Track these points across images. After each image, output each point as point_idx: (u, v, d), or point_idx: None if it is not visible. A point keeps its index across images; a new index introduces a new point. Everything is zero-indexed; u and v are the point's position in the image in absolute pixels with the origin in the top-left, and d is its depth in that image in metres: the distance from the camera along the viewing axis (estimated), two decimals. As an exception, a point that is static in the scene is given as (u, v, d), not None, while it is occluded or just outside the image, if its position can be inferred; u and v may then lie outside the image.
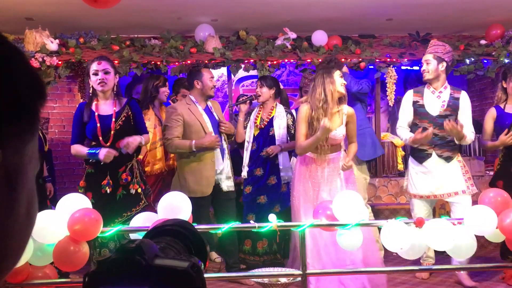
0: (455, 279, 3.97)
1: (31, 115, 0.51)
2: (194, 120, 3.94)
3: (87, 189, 3.50)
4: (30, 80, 0.52)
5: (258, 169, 4.40)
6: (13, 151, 0.49)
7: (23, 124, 0.50)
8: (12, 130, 0.48)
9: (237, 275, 3.94)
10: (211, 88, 4.06)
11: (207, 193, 3.91)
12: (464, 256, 3.08)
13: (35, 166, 0.54)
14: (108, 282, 0.56)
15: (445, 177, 3.87)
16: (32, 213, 0.54)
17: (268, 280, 3.43)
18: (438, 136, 3.87)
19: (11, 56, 0.50)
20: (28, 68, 0.52)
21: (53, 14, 4.90)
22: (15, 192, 0.50)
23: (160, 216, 2.84)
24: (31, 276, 2.79)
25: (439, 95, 3.89)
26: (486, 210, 2.82)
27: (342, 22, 5.42)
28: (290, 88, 7.26)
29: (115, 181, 3.48)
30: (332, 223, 2.98)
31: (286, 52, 5.41)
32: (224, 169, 4.04)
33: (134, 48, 5.33)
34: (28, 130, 0.51)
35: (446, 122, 3.70)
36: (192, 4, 4.85)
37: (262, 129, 4.45)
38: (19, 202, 0.50)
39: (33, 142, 0.53)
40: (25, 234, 0.53)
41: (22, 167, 0.51)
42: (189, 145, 3.84)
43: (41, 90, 0.53)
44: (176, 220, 0.72)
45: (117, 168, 3.49)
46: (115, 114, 3.52)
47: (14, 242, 0.51)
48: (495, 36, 5.56)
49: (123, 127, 3.52)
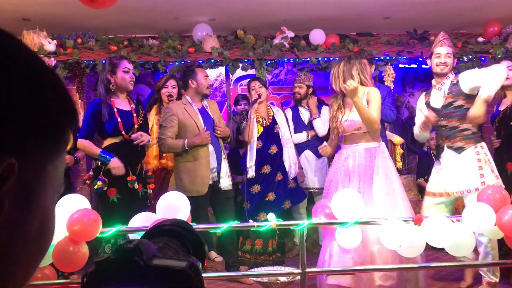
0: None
1: (56, 134, 0.51)
2: (189, 120, 3.95)
3: (110, 185, 3.47)
4: (62, 101, 0.52)
5: (266, 167, 4.43)
6: (32, 168, 0.48)
7: (46, 142, 0.49)
8: (34, 146, 0.48)
9: (236, 274, 3.94)
10: (206, 87, 4.06)
11: (202, 192, 3.91)
12: (463, 254, 3.09)
13: (57, 188, 0.53)
14: (106, 282, 0.56)
15: (456, 172, 3.57)
16: (46, 233, 0.52)
17: (268, 279, 3.43)
18: (447, 127, 3.66)
19: (46, 75, 0.51)
20: (62, 90, 0.53)
21: (50, 15, 4.89)
22: (27, 209, 0.49)
23: (158, 216, 2.84)
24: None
25: (440, 87, 3.73)
26: (484, 207, 2.83)
27: (340, 21, 5.42)
28: (288, 87, 7.26)
29: (137, 178, 3.57)
30: (331, 221, 2.99)
31: (284, 51, 5.41)
32: (222, 168, 4.04)
33: (132, 48, 5.33)
34: (52, 151, 0.50)
35: (425, 115, 3.60)
36: (189, 4, 4.85)
37: (266, 127, 4.49)
38: (30, 219, 0.49)
39: (56, 163, 0.51)
40: (36, 253, 0.51)
41: (39, 186, 0.50)
42: (182, 144, 3.86)
43: (72, 116, 0.53)
44: (174, 220, 0.72)
45: (135, 165, 3.59)
46: (133, 110, 3.62)
47: (22, 259, 0.49)
48: (492, 33, 5.57)
49: (144, 122, 3.67)
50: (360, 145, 3.52)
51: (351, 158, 3.50)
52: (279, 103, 6.93)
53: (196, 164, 3.93)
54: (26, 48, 0.50)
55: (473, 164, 3.54)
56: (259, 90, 4.46)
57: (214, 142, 4.03)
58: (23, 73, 0.48)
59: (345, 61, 3.54)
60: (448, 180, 3.60)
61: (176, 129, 3.93)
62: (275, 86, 7.57)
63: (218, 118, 4.19)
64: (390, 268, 3.59)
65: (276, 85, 7.57)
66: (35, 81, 0.49)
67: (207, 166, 3.94)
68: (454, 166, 3.59)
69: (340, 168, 3.53)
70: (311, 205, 4.01)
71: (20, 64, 0.48)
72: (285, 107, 5.63)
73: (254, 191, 4.41)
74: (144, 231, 0.71)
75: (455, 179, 3.57)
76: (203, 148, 3.93)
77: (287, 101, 7.00)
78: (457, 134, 3.63)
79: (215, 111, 4.21)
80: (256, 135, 4.46)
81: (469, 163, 3.54)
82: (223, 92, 6.95)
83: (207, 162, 3.94)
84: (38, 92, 0.49)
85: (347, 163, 3.50)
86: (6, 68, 0.46)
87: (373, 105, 3.45)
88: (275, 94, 7.56)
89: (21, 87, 0.47)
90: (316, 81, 5.23)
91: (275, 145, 4.49)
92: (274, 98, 7.49)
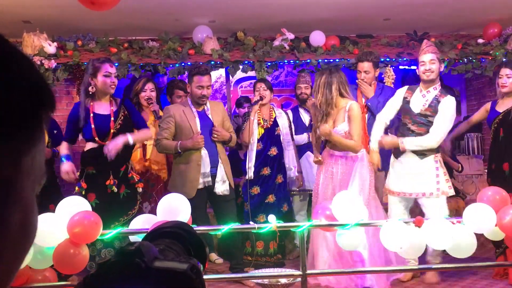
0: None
1: (30, 124, 0.47)
2: (185, 122, 3.95)
3: (88, 190, 3.48)
4: (32, 85, 0.47)
5: (265, 169, 4.44)
6: (6, 161, 0.45)
7: (19, 133, 0.45)
8: (5, 138, 0.44)
9: (237, 276, 3.94)
10: (198, 96, 3.96)
11: (190, 196, 3.71)
12: (464, 255, 3.09)
13: (37, 180, 0.50)
14: (108, 284, 0.56)
15: (416, 176, 3.79)
16: (28, 230, 0.49)
17: (268, 281, 3.43)
18: (414, 132, 3.83)
19: (10, 58, 0.46)
20: (31, 72, 0.47)
21: (50, 17, 4.90)
22: (4, 205, 0.45)
23: (159, 218, 2.84)
24: (31, 279, 2.79)
25: (425, 94, 3.87)
26: (485, 208, 2.83)
27: (340, 22, 5.43)
28: (288, 89, 7.26)
29: (119, 180, 3.51)
30: (331, 223, 2.99)
31: (284, 53, 5.42)
32: (218, 173, 3.99)
33: (132, 50, 5.33)
34: (26, 140, 0.47)
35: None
36: (189, 6, 4.85)
37: (267, 129, 4.51)
38: (9, 216, 0.46)
39: (32, 153, 0.48)
40: (18, 251, 0.48)
41: (16, 180, 0.46)
42: (175, 146, 3.87)
43: (45, 97, 0.48)
44: (175, 222, 0.72)
45: (119, 167, 3.52)
46: (113, 113, 3.54)
47: (3, 258, 0.46)
48: (492, 35, 5.57)
49: (123, 125, 3.56)
50: (343, 153, 3.85)
51: (335, 166, 3.86)
52: (279, 104, 6.93)
53: (187, 167, 3.92)
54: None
55: (432, 171, 3.80)
56: (263, 93, 4.46)
57: (210, 146, 3.97)
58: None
59: (326, 74, 3.85)
60: (406, 182, 3.83)
61: (172, 130, 3.94)
62: (275, 88, 7.54)
63: (221, 121, 4.08)
64: (389, 270, 3.59)
65: (276, 87, 7.56)
66: (1, 66, 0.44)
67: (198, 170, 3.91)
68: (414, 169, 3.81)
69: (327, 175, 3.90)
70: (311, 207, 4.01)
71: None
72: (285, 108, 5.63)
73: (253, 192, 4.42)
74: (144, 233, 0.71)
75: (413, 182, 3.80)
76: (195, 152, 3.91)
77: (287, 103, 7.01)
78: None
79: (218, 113, 4.12)
80: (257, 136, 4.46)
81: (428, 169, 3.80)
82: (223, 94, 6.95)
83: (198, 166, 3.91)
84: (5, 78, 0.44)
85: (332, 170, 3.88)
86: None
87: (354, 125, 3.79)
88: (275, 96, 7.55)
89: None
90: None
91: (276, 147, 4.50)
92: (275, 100, 7.49)
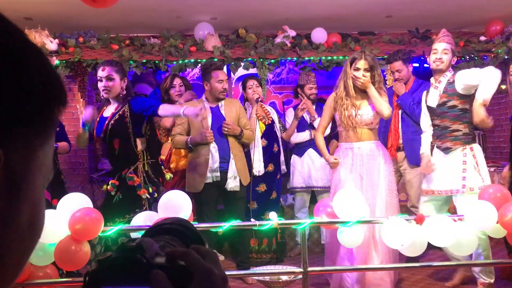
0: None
1: (44, 119, 0.47)
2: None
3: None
4: (47, 82, 0.47)
5: (270, 165, 4.49)
6: (20, 155, 0.45)
7: (34, 128, 0.46)
8: (20, 132, 0.45)
9: (238, 273, 3.95)
10: (220, 91, 4.05)
11: (197, 190, 3.97)
12: (466, 253, 3.08)
13: (47, 175, 0.50)
14: (109, 281, 0.56)
15: (443, 172, 3.60)
16: (36, 225, 0.49)
17: (270, 278, 3.43)
18: (439, 127, 3.66)
19: (28, 54, 0.46)
20: (47, 69, 0.48)
21: (52, 14, 4.90)
22: (16, 200, 0.45)
23: (160, 215, 2.85)
24: (33, 276, 2.79)
25: (437, 85, 3.69)
26: (486, 205, 2.83)
27: (342, 20, 5.42)
28: (290, 86, 7.25)
29: (119, 183, 3.47)
30: (332, 220, 2.99)
31: (285, 50, 5.41)
32: (230, 168, 4.01)
33: (133, 47, 5.33)
34: (40, 135, 0.47)
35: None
36: (191, 3, 4.84)
37: (268, 125, 4.56)
38: (20, 211, 0.46)
39: (45, 148, 0.48)
40: (26, 247, 0.48)
41: (28, 174, 0.46)
42: (186, 141, 3.97)
43: (60, 94, 0.49)
44: (175, 218, 0.72)
45: (120, 169, 3.49)
46: (111, 116, 3.51)
47: (12, 254, 0.46)
48: (494, 32, 5.56)
49: (114, 126, 3.48)
50: (364, 143, 3.61)
51: (358, 157, 3.58)
52: (281, 102, 6.93)
53: (197, 162, 4.00)
54: (5, 22, 0.45)
55: (458, 166, 3.55)
56: (257, 90, 4.47)
57: (221, 141, 4.01)
58: (2, 52, 0.44)
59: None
60: (433, 179, 3.67)
61: (185, 126, 4.05)
62: (276, 85, 7.57)
63: (235, 117, 4.10)
64: (390, 267, 3.58)
65: (277, 84, 7.56)
66: (17, 61, 0.44)
67: (206, 165, 3.97)
68: (440, 166, 3.62)
69: (347, 168, 3.60)
70: (313, 204, 4.00)
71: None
72: (287, 106, 5.63)
73: (260, 190, 4.42)
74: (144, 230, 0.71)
75: (439, 179, 3.62)
76: (204, 146, 3.97)
77: (289, 100, 7.00)
78: (447, 134, 3.63)
79: (232, 110, 4.12)
80: (259, 133, 4.47)
81: (454, 165, 3.56)
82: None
83: (206, 160, 3.97)
84: (20, 73, 0.44)
85: (354, 162, 3.59)
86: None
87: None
88: (276, 93, 7.56)
89: (0, 69, 0.43)
90: (318, 80, 5.23)
91: (276, 143, 4.56)
92: (276, 97, 7.49)
